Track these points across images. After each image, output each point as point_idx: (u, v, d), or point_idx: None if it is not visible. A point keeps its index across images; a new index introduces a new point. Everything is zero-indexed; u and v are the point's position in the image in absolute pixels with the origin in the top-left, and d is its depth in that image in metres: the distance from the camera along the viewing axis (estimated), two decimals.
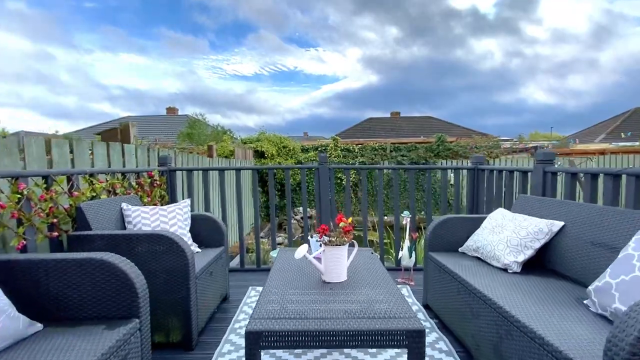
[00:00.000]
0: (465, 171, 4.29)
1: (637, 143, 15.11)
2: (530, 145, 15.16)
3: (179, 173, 3.49)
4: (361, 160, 9.89)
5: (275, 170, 3.55)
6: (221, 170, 3.21)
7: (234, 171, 3.66)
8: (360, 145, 10.48)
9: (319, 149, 10.36)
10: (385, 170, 10.08)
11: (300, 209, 8.92)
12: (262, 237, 6.41)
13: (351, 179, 9.85)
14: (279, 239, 6.82)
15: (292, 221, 8.37)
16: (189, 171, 3.33)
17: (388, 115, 26.84)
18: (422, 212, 10.10)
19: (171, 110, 22.66)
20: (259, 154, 9.26)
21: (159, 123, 20.53)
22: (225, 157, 7.11)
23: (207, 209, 3.26)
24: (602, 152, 10.79)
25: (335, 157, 10.16)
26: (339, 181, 9.98)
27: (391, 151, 10.37)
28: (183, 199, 2.79)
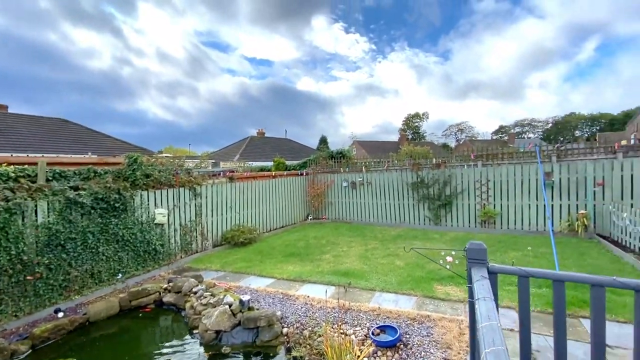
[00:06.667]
0: None
1: (270, 164, 20.11)
2: (222, 169, 15.38)
3: None
4: None
5: None
6: None
7: None
8: None
9: None
10: (50, 215, 5.44)
11: None
12: None
13: None
14: None
15: None
16: None
17: None
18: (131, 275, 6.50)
19: None
20: None
21: None
22: None
23: None
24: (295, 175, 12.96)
25: None
26: None
27: (49, 180, 5.78)
28: None
